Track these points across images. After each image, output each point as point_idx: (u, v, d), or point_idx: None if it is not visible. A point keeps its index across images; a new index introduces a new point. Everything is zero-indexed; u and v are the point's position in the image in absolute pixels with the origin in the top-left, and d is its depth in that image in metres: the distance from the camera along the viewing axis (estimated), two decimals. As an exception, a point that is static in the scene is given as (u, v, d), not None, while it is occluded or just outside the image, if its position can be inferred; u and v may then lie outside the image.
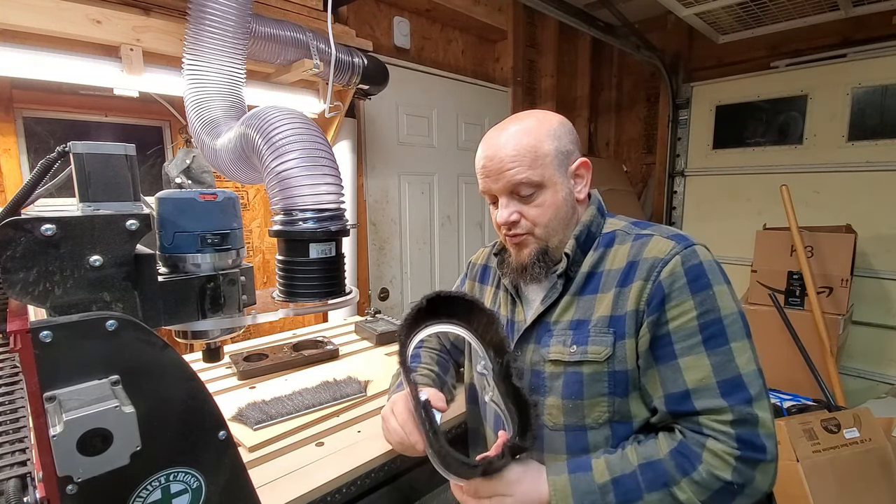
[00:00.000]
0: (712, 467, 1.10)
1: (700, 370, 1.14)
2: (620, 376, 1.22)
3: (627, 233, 1.32)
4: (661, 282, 1.18)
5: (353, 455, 1.45)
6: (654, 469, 1.13)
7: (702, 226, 4.82)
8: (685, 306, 1.16)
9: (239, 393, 1.81)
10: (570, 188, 1.31)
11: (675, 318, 1.17)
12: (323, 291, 1.30)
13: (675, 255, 1.20)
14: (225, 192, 1.08)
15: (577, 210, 1.35)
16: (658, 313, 1.18)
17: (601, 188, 4.64)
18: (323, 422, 1.62)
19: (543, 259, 1.32)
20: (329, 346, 2.21)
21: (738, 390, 1.12)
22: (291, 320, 2.96)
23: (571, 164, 1.31)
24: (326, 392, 1.74)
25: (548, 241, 1.32)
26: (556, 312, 1.32)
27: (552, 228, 1.30)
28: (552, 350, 1.28)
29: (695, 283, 1.17)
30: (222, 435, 0.93)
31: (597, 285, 1.29)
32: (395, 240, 3.65)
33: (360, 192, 3.35)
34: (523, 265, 1.34)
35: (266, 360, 2.04)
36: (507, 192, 1.29)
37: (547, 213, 1.29)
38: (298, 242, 1.29)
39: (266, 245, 2.86)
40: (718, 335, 1.15)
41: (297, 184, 1.30)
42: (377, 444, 1.49)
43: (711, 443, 1.11)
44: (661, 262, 1.20)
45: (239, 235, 1.11)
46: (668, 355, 1.17)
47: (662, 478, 1.12)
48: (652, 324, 1.18)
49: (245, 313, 1.13)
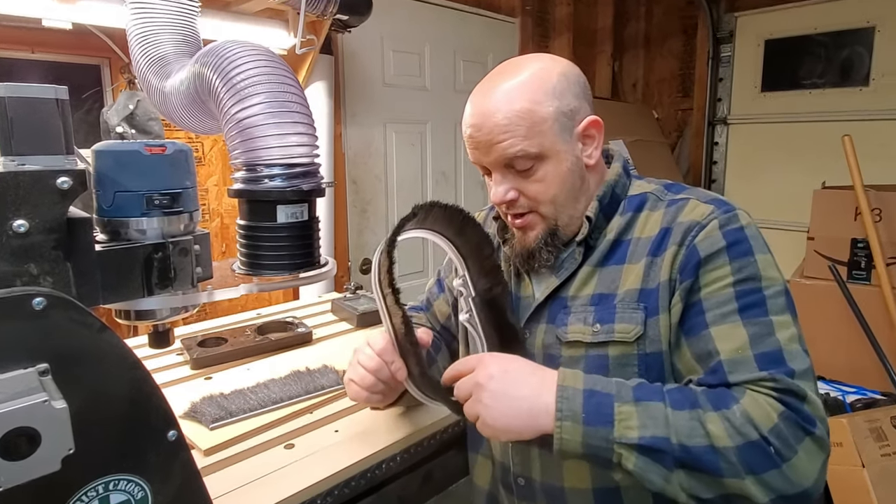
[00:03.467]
0: (750, 411, 1.07)
1: (734, 340, 1.14)
2: (653, 359, 1.23)
3: (660, 197, 1.33)
4: (697, 245, 1.20)
5: (330, 460, 1.46)
6: (683, 392, 1.13)
7: (748, 184, 4.83)
8: (721, 271, 1.18)
9: (192, 385, 1.82)
10: (576, 154, 1.30)
11: (709, 284, 1.18)
12: (293, 263, 1.30)
13: (714, 219, 1.21)
14: (175, 143, 1.07)
15: (588, 178, 1.34)
16: (691, 279, 1.19)
17: (627, 139, 4.65)
18: (293, 419, 1.63)
19: (553, 241, 1.33)
20: (300, 328, 2.21)
21: (778, 364, 1.11)
22: (255, 298, 2.97)
23: (578, 125, 1.29)
24: (297, 384, 1.75)
25: (556, 218, 1.32)
26: (573, 286, 1.33)
27: (559, 204, 1.30)
28: (570, 329, 1.29)
29: (734, 248, 1.19)
30: (172, 435, 0.93)
31: (624, 255, 1.29)
32: (381, 201, 3.65)
33: (337, 143, 3.34)
34: (529, 251, 1.35)
35: (225, 345, 2.04)
36: (501, 166, 1.29)
37: (550, 189, 1.29)
38: (264, 204, 1.28)
39: (225, 207, 2.86)
40: (757, 305, 1.16)
41: (262, 133, 1.29)
42: (359, 447, 1.50)
43: (752, 393, 1.10)
44: (697, 226, 1.22)
45: (192, 196, 1.11)
46: (697, 326, 1.18)
47: (690, 399, 1.11)
48: (684, 291, 1.20)
49: (200, 289, 1.13)
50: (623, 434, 1.07)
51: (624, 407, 1.10)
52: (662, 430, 1.07)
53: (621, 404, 1.10)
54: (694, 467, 1.05)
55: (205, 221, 2.83)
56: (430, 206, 1.28)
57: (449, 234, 1.37)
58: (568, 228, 1.33)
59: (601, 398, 1.11)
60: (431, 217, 1.31)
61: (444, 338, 1.71)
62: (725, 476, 1.04)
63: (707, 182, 5.04)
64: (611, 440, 1.08)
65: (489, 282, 1.36)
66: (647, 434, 1.07)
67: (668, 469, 1.06)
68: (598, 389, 1.12)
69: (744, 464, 1.04)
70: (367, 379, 1.36)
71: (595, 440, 1.09)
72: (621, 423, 1.08)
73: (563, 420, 1.10)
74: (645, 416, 1.08)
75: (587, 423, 1.09)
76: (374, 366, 1.34)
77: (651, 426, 1.07)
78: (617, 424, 1.08)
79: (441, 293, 1.72)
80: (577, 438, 1.10)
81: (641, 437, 1.06)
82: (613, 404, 1.10)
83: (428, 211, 1.28)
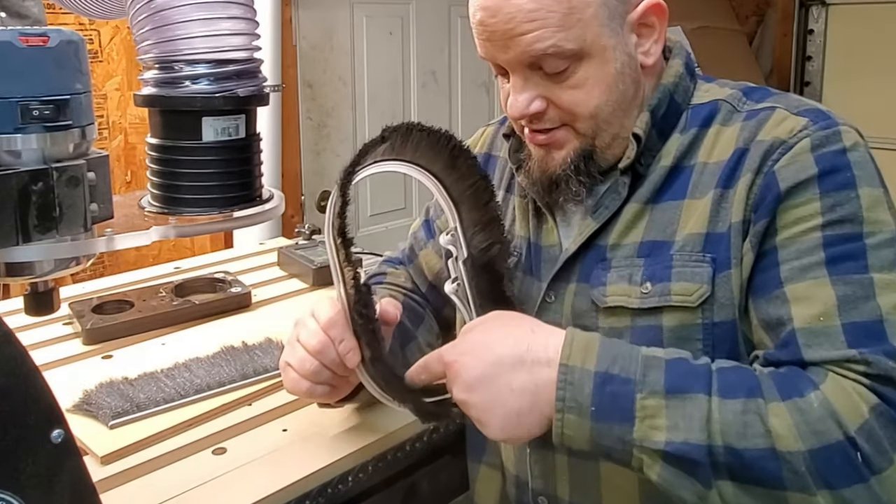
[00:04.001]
0: (833, 402, 1.05)
1: (816, 303, 1.13)
2: (724, 331, 1.23)
3: (736, 107, 1.32)
4: (777, 173, 1.19)
5: (276, 470, 1.46)
6: (740, 374, 1.11)
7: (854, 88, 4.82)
8: (806, 209, 1.16)
9: (86, 366, 1.82)
10: (629, 52, 1.29)
11: (789, 227, 1.17)
12: (224, 197, 1.30)
13: (805, 137, 1.20)
14: (62, 31, 1.06)
15: (644, 84, 1.33)
16: (766, 219, 1.18)
17: (686, 25, 4.63)
18: (225, 414, 1.63)
19: (586, 167, 1.32)
20: (235, 287, 2.22)
21: (875, 339, 1.09)
22: (173, 246, 2.97)
23: (632, 10, 1.28)
24: (231, 365, 1.75)
25: (594, 137, 1.31)
26: (615, 230, 1.32)
27: (603, 119, 1.29)
28: (611, 291, 1.29)
29: (829, 179, 1.17)
30: (57, 436, 0.93)
31: (685, 187, 1.29)
32: (345, 111, 3.64)
33: (286, 32, 3.32)
34: (552, 178, 1.34)
35: (130, 311, 2.05)
36: (523, 66, 1.27)
37: (592, 98, 1.27)
38: (184, 115, 1.27)
39: (130, 121, 2.85)
40: (853, 257, 1.14)
41: (182, 18, 1.28)
42: (317, 452, 1.51)
43: (836, 377, 1.08)
44: (781, 146, 1.20)
45: (85, 104, 1.09)
46: (769, 283, 1.18)
47: (748, 382, 1.09)
48: (757, 236, 1.19)
49: (95, 234, 1.12)
50: (646, 436, 1.06)
51: (649, 399, 1.08)
52: (699, 435, 1.04)
53: (646, 395, 1.08)
54: (745, 477, 1.03)
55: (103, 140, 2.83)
56: (407, 130, 1.26)
57: (435, 168, 1.36)
58: (609, 151, 1.32)
59: (618, 386, 1.09)
60: (411, 145, 1.30)
61: (431, 303, 1.71)
62: (788, 489, 1.01)
63: (798, 86, 5.03)
64: (629, 442, 1.07)
65: (486, 238, 1.35)
66: (676, 438, 1.05)
67: (703, 484, 1.04)
68: (616, 373, 1.10)
69: (817, 474, 1.00)
70: (307, 363, 1.34)
71: (608, 440, 1.09)
72: (644, 421, 1.07)
73: (567, 412, 1.10)
74: (677, 413, 1.06)
75: (598, 419, 1.09)
76: (317, 345, 1.31)
77: (684, 428, 1.05)
78: (638, 423, 1.07)
79: (430, 239, 1.72)
80: (584, 435, 1.10)
81: (669, 443, 1.05)
82: (634, 395, 1.08)
83: (405, 136, 1.27)
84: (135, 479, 1.43)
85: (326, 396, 1.42)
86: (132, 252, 2.86)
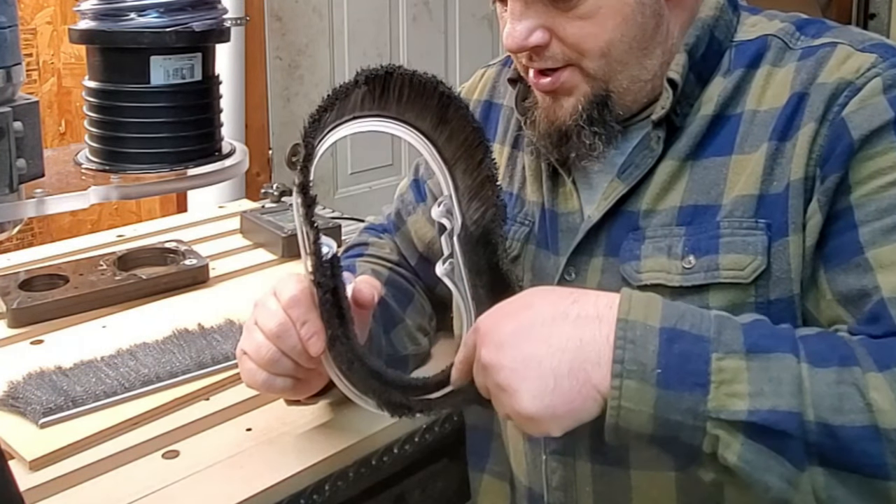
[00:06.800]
0: None
1: None
2: (781, 310, 1.22)
3: (788, 44, 1.32)
4: (846, 119, 1.19)
5: (238, 476, 1.47)
6: (828, 340, 1.10)
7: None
8: (885, 160, 1.17)
9: (11, 352, 1.82)
10: None
11: (865, 182, 1.17)
12: (176, 151, 1.29)
13: (876, 77, 1.20)
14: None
15: (668, 19, 1.33)
16: (838, 174, 1.18)
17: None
18: (178, 410, 1.64)
19: (601, 115, 1.31)
20: (190, 259, 2.22)
21: None
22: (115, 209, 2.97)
23: None
24: (184, 352, 1.75)
25: (608, 80, 1.30)
26: (648, 193, 1.33)
27: (615, 59, 1.29)
28: (646, 266, 1.30)
29: None
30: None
31: (731, 139, 1.29)
32: (321, 49, 3.65)
33: (249, -47, 3.32)
34: (561, 130, 1.33)
35: (65, 287, 2.05)
36: None
37: (605, 31, 1.27)
38: (129, 54, 1.26)
39: (65, 61, 2.84)
40: None
41: (126, -67, 1.27)
42: (286, 456, 1.51)
43: None
44: (848, 88, 1.21)
45: (11, 41, 1.08)
46: (846, 248, 1.18)
47: (840, 350, 1.07)
48: (827, 194, 1.19)
49: (23, 195, 1.11)
50: (723, 405, 1.02)
51: (727, 360, 1.04)
52: (790, 400, 1.01)
53: (723, 356, 1.04)
54: (839, 462, 1.00)
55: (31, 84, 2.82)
56: (386, 75, 1.25)
57: (425, 126, 1.34)
58: (627, 97, 1.32)
59: (689, 344, 1.06)
60: (394, 94, 1.29)
61: (422, 278, 1.70)
62: (892, 478, 0.98)
63: (862, 17, 5.03)
64: (702, 414, 1.02)
65: (481, 204, 1.34)
66: (763, 406, 1.01)
67: (796, 465, 1.01)
68: (686, 329, 1.07)
69: None
70: (262, 350, 1.31)
71: (676, 413, 1.03)
72: (721, 386, 1.03)
73: (626, 377, 1.04)
74: (762, 376, 1.03)
75: (664, 385, 1.04)
76: (275, 328, 1.28)
77: (770, 393, 1.01)
78: (714, 390, 1.02)
79: (421, 202, 1.72)
80: (647, 409, 1.04)
81: (754, 411, 1.01)
82: (710, 355, 1.05)
83: (384, 82, 1.26)
84: (70, 488, 1.43)
85: (290, 392, 1.39)
86: (67, 217, 2.86)
